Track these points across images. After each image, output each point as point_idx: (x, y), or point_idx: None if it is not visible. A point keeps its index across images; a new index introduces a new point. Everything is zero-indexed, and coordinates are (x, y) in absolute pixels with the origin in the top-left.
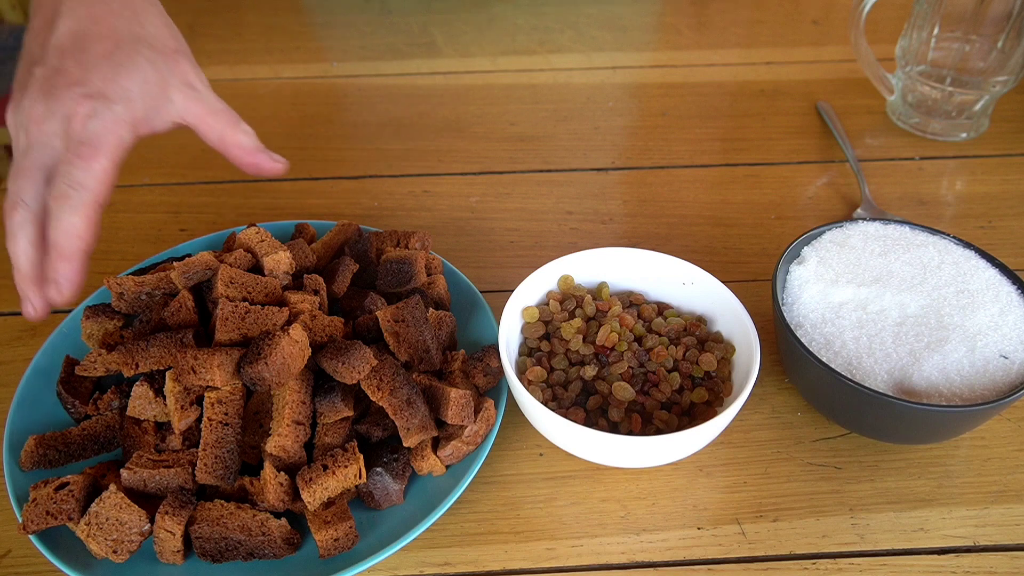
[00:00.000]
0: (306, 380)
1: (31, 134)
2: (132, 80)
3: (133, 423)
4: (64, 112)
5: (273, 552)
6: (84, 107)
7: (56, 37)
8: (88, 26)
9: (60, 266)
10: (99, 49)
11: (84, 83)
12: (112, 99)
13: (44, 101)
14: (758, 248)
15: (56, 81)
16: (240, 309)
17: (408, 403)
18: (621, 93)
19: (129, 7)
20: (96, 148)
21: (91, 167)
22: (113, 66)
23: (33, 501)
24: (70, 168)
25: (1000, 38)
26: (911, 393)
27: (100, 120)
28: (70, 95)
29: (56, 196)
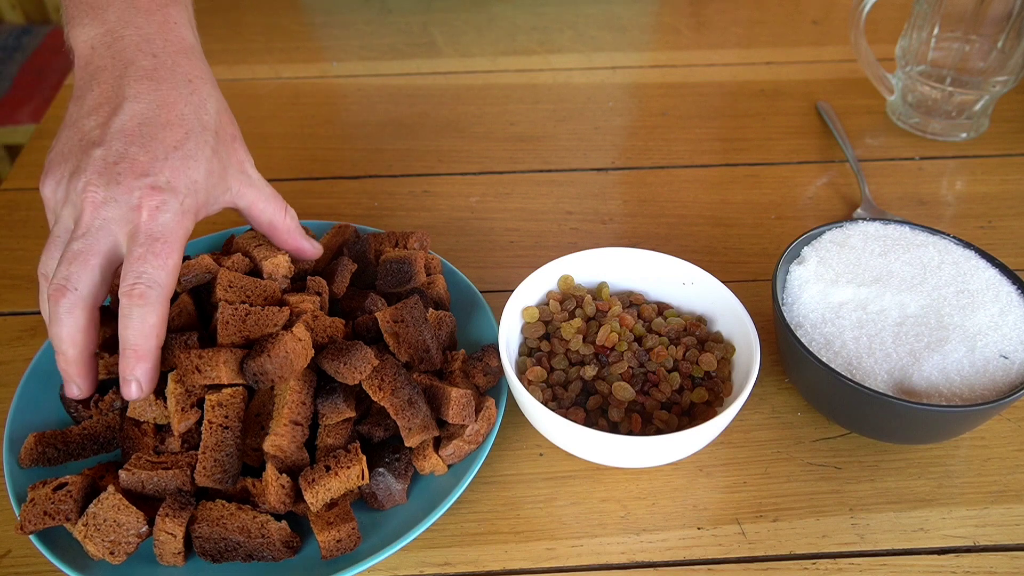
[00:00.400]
0: (307, 381)
1: (86, 218)
2: (199, 171)
3: (133, 425)
4: (131, 203)
5: (272, 555)
6: (154, 199)
7: (121, 120)
8: (156, 112)
9: (139, 367)
10: (169, 139)
11: (153, 173)
12: (180, 192)
13: (106, 187)
14: (758, 248)
15: (122, 168)
16: (240, 311)
17: (409, 403)
18: (621, 93)
19: (197, 93)
20: (169, 245)
21: (166, 264)
22: (183, 157)
23: (31, 501)
24: (145, 266)
25: (1000, 38)
26: (911, 393)
27: (170, 214)
28: (138, 185)
29: (132, 295)
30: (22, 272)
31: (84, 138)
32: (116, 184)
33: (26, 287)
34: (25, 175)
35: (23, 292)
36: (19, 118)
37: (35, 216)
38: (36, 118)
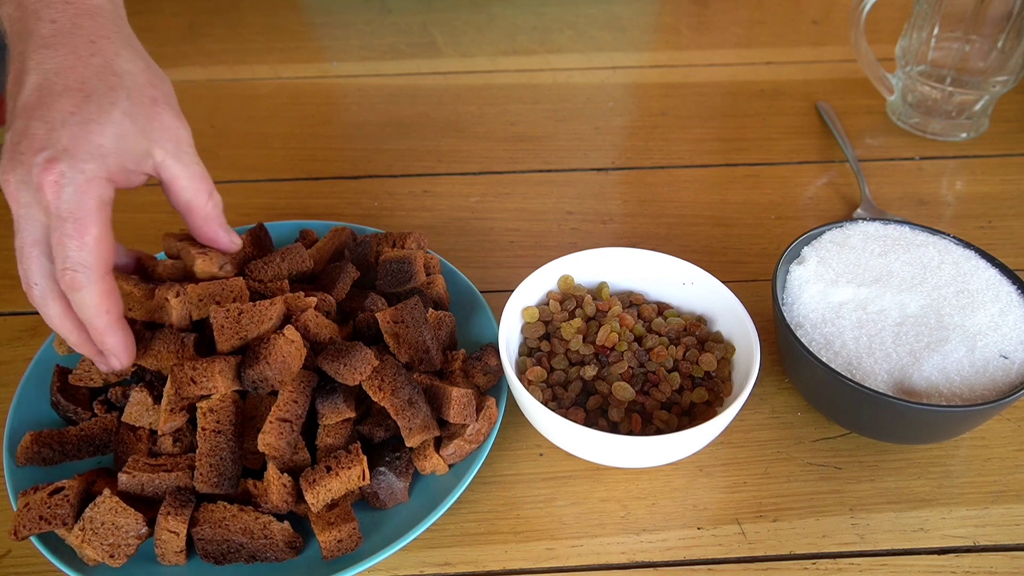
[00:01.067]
0: (300, 379)
1: (13, 210)
2: (104, 136)
3: (128, 429)
4: (32, 183)
5: (275, 555)
6: (51, 174)
7: (24, 96)
8: (53, 80)
9: (105, 340)
10: (65, 105)
11: (50, 145)
12: (80, 158)
13: (14, 171)
14: (758, 248)
15: (23, 147)
16: (233, 311)
17: (410, 403)
18: (621, 93)
19: (99, 54)
20: (80, 220)
21: (84, 243)
22: (81, 122)
23: (26, 506)
24: (64, 250)
25: (1000, 38)
26: (911, 393)
27: (72, 186)
28: (37, 162)
29: (64, 283)
30: None
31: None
32: (20, 165)
33: None
34: None
35: (23, 292)
36: None
37: None
38: None
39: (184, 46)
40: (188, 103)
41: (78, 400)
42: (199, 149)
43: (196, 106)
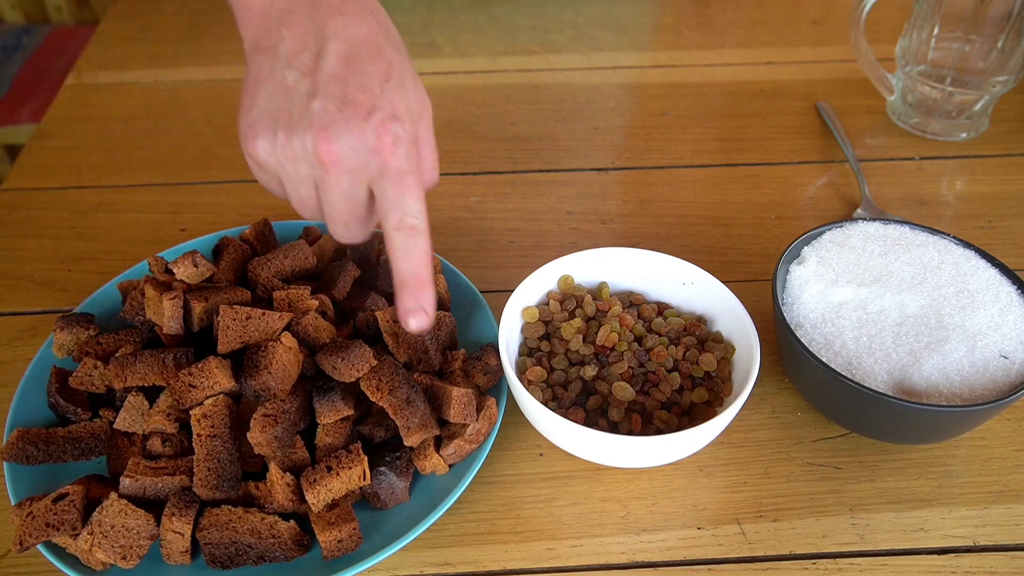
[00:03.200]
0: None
1: (333, 177)
2: (411, 99)
3: (122, 435)
4: (368, 146)
5: (283, 554)
6: (388, 136)
7: (329, 64)
8: (358, 48)
9: (423, 294)
10: (377, 72)
11: (377, 108)
12: (405, 120)
13: (339, 138)
14: (758, 248)
15: (348, 114)
16: (241, 315)
17: (408, 402)
18: (621, 93)
19: (381, 21)
20: (416, 176)
21: (419, 194)
22: (397, 87)
23: (29, 515)
24: (404, 200)
25: (1000, 38)
26: (911, 393)
27: (405, 145)
28: (369, 126)
29: (403, 229)
30: (22, 272)
31: (291, 91)
32: (348, 133)
33: (26, 287)
34: (25, 175)
35: (23, 292)
36: (19, 118)
37: (35, 216)
38: (36, 118)
39: (184, 46)
40: (188, 103)
41: (77, 401)
42: (199, 149)
43: (196, 106)
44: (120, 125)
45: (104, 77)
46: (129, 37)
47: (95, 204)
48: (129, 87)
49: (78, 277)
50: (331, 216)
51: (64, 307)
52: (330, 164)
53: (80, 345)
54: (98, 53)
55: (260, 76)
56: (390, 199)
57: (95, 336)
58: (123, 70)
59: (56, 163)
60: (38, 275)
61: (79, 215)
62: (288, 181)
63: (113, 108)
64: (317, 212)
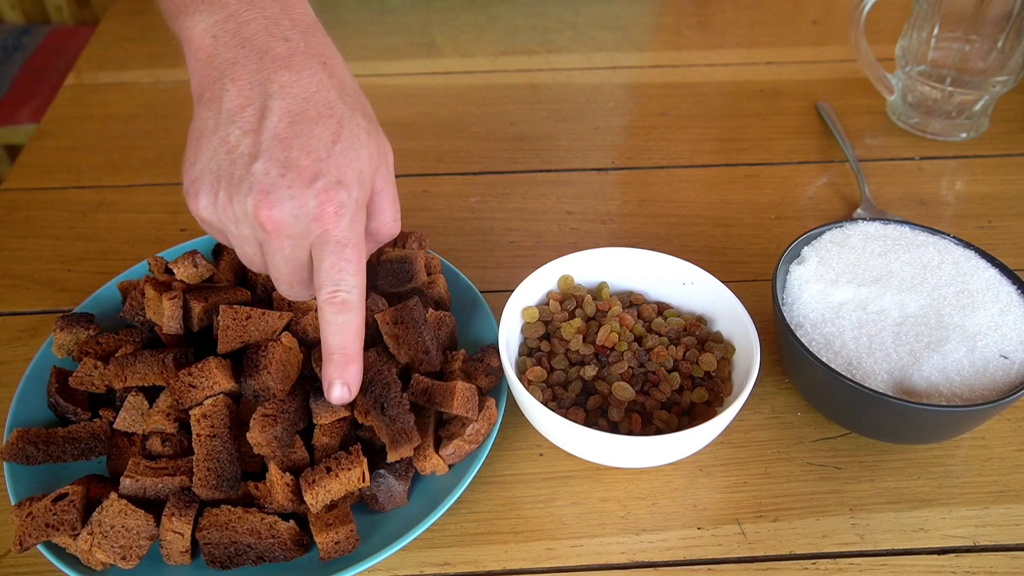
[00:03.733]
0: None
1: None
2: (362, 160)
3: (122, 436)
4: (310, 214)
5: (283, 554)
6: (331, 205)
7: (272, 124)
8: (305, 107)
9: (348, 369)
10: (324, 134)
11: (322, 175)
12: (352, 186)
13: (280, 205)
14: (758, 248)
15: (290, 180)
16: (241, 314)
17: (392, 420)
18: (621, 93)
19: (335, 75)
20: (356, 248)
21: (358, 268)
22: (343, 150)
23: (29, 515)
24: (340, 275)
25: (1000, 38)
26: (911, 393)
27: (349, 215)
28: (311, 194)
29: (334, 303)
30: (22, 272)
31: (233, 150)
32: (290, 199)
33: (25, 287)
34: (25, 175)
35: (23, 292)
36: (19, 118)
37: (35, 216)
38: (36, 118)
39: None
40: (188, 103)
41: (77, 401)
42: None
43: None
44: (120, 125)
45: (104, 77)
46: (129, 37)
47: (95, 204)
48: (129, 87)
49: (78, 277)
50: (275, 277)
51: (64, 307)
52: (271, 230)
53: (80, 345)
54: (98, 53)
55: (204, 130)
56: (326, 270)
57: (95, 336)
58: (123, 70)
59: (56, 163)
60: (38, 275)
61: (79, 215)
62: (232, 239)
63: (113, 108)
64: (264, 269)
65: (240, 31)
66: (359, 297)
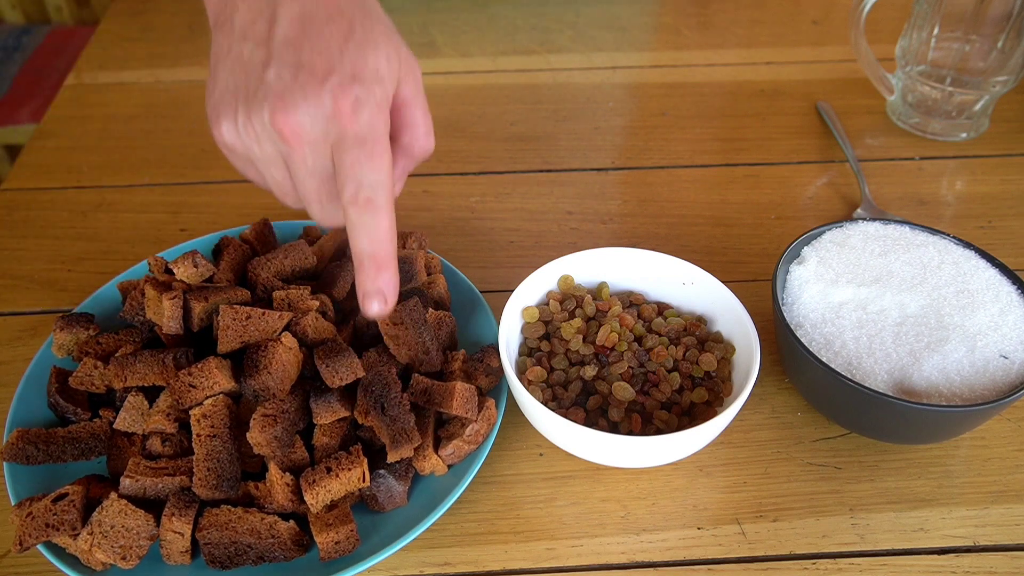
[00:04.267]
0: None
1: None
2: (379, 60)
3: (122, 435)
4: (325, 111)
5: (283, 554)
6: (346, 99)
7: (282, 30)
8: (314, 9)
9: (381, 276)
10: (335, 32)
11: (334, 71)
12: (368, 82)
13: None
14: (758, 248)
15: (302, 79)
16: (241, 314)
17: (392, 420)
18: (621, 93)
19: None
20: (379, 143)
21: (381, 164)
22: (357, 47)
23: (29, 515)
24: (362, 170)
25: (1000, 38)
26: (911, 393)
27: (367, 109)
28: (326, 90)
29: (358, 203)
30: (22, 272)
31: (247, 64)
32: (304, 100)
33: (25, 287)
34: (25, 175)
35: (23, 292)
36: (19, 118)
37: (35, 216)
38: (36, 118)
39: (184, 46)
40: (188, 103)
41: (77, 401)
42: (199, 149)
43: (196, 106)
44: (120, 125)
45: (104, 77)
46: (129, 37)
47: (95, 204)
48: (129, 87)
49: (78, 277)
50: (305, 197)
51: (64, 307)
52: (290, 136)
53: (80, 345)
54: (98, 53)
55: (219, 54)
56: (346, 169)
57: (95, 336)
58: (123, 70)
59: (56, 163)
60: (38, 275)
61: (79, 215)
62: (260, 164)
63: (113, 108)
64: (296, 200)
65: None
66: (386, 196)
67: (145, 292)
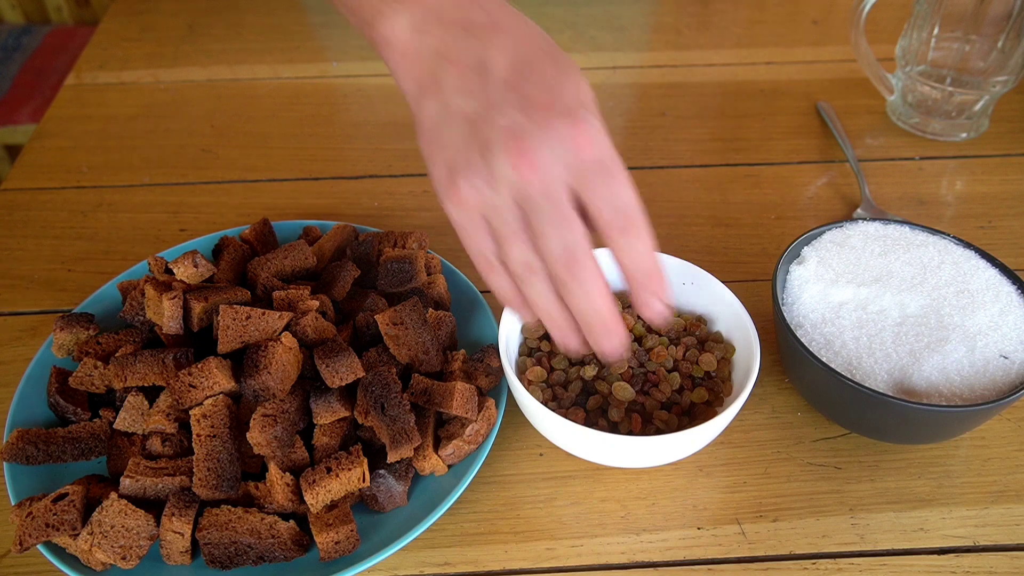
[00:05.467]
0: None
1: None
2: (585, 86)
3: (122, 435)
4: (563, 139)
5: (283, 554)
6: (578, 125)
7: (498, 76)
8: (521, 52)
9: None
10: (546, 68)
11: (559, 102)
12: (591, 107)
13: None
14: (758, 248)
15: (533, 115)
16: (241, 314)
17: (393, 420)
18: (621, 93)
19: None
20: (616, 162)
21: (627, 184)
22: (570, 76)
23: (29, 515)
24: (611, 192)
25: (1000, 38)
26: (911, 393)
27: (599, 132)
28: (557, 119)
29: (618, 225)
30: (22, 272)
31: (471, 116)
32: (540, 131)
33: (25, 287)
34: (25, 175)
35: (23, 292)
36: (19, 118)
37: (35, 216)
38: (36, 118)
39: (184, 46)
40: (188, 103)
41: (77, 401)
42: (199, 149)
43: (196, 106)
44: (120, 125)
45: (104, 77)
46: (129, 37)
47: (95, 204)
48: (129, 87)
49: (78, 277)
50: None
51: (64, 307)
52: (528, 171)
53: (80, 345)
54: (98, 53)
55: (435, 118)
56: (596, 195)
57: (95, 336)
58: (123, 70)
59: (56, 163)
60: (38, 275)
61: (79, 215)
62: (497, 218)
63: (113, 108)
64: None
65: (440, 19)
66: (641, 214)
67: (145, 292)
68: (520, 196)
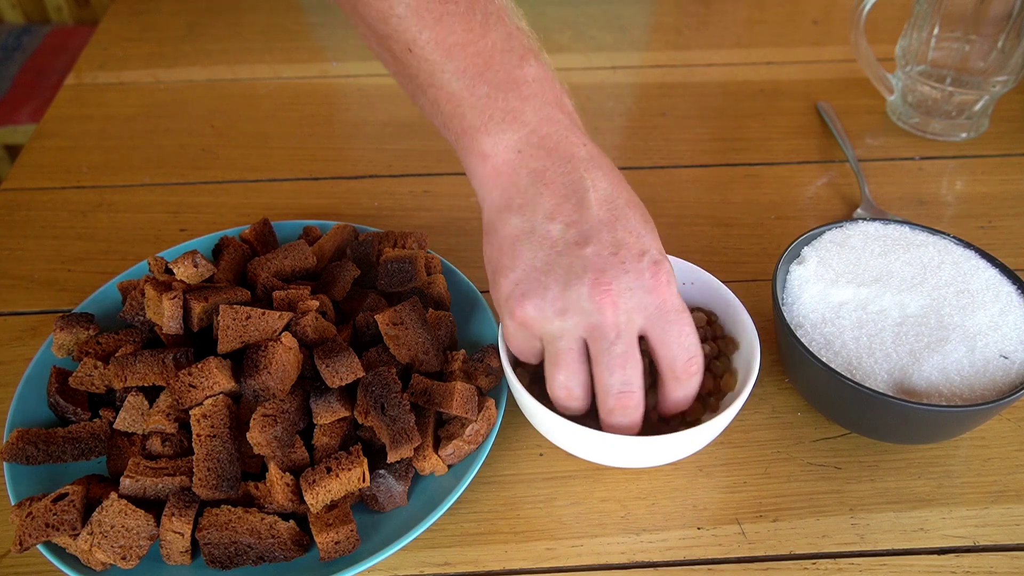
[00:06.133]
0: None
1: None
2: (658, 240)
3: (122, 435)
4: (645, 285)
5: (283, 554)
6: (661, 275)
7: (595, 213)
8: (614, 195)
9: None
10: (635, 216)
11: (647, 250)
12: (666, 261)
13: (617, 280)
14: (758, 248)
15: (623, 256)
16: (241, 314)
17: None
18: (621, 93)
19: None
20: (687, 312)
21: (695, 333)
22: (650, 229)
23: (29, 515)
24: (686, 339)
25: (1000, 38)
26: (911, 393)
27: (675, 284)
28: (644, 267)
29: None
30: (22, 272)
31: (557, 243)
32: (625, 273)
33: (25, 287)
34: (25, 175)
35: (23, 292)
36: (19, 118)
37: (35, 216)
38: (36, 118)
39: (184, 46)
40: (188, 103)
41: (77, 401)
42: (199, 149)
43: (196, 106)
44: (120, 125)
45: (104, 77)
46: (129, 37)
47: (95, 204)
48: (129, 87)
49: (78, 277)
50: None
51: (64, 307)
52: (608, 306)
53: (80, 345)
54: (98, 53)
55: (519, 234)
56: (671, 339)
57: (95, 336)
58: (123, 70)
59: (56, 163)
60: (38, 275)
61: (79, 215)
62: (552, 344)
63: (113, 108)
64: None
65: (543, 143)
66: (703, 359)
67: (145, 292)
68: (591, 328)
